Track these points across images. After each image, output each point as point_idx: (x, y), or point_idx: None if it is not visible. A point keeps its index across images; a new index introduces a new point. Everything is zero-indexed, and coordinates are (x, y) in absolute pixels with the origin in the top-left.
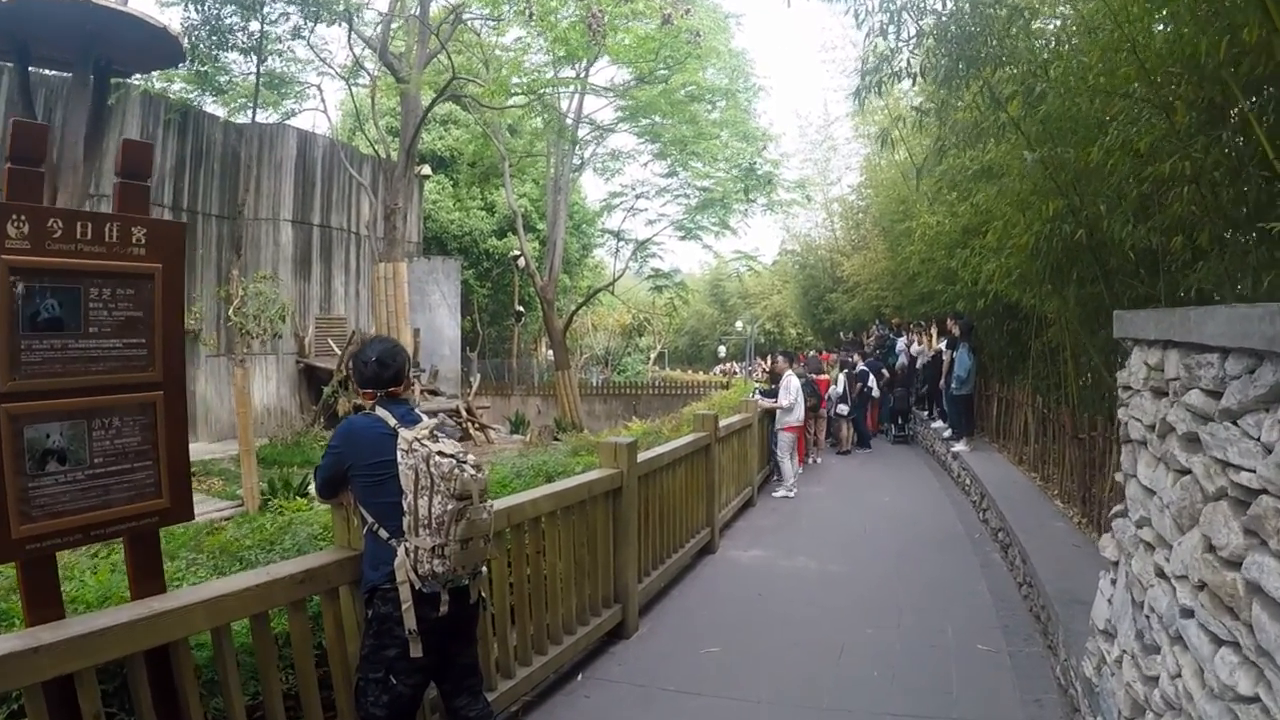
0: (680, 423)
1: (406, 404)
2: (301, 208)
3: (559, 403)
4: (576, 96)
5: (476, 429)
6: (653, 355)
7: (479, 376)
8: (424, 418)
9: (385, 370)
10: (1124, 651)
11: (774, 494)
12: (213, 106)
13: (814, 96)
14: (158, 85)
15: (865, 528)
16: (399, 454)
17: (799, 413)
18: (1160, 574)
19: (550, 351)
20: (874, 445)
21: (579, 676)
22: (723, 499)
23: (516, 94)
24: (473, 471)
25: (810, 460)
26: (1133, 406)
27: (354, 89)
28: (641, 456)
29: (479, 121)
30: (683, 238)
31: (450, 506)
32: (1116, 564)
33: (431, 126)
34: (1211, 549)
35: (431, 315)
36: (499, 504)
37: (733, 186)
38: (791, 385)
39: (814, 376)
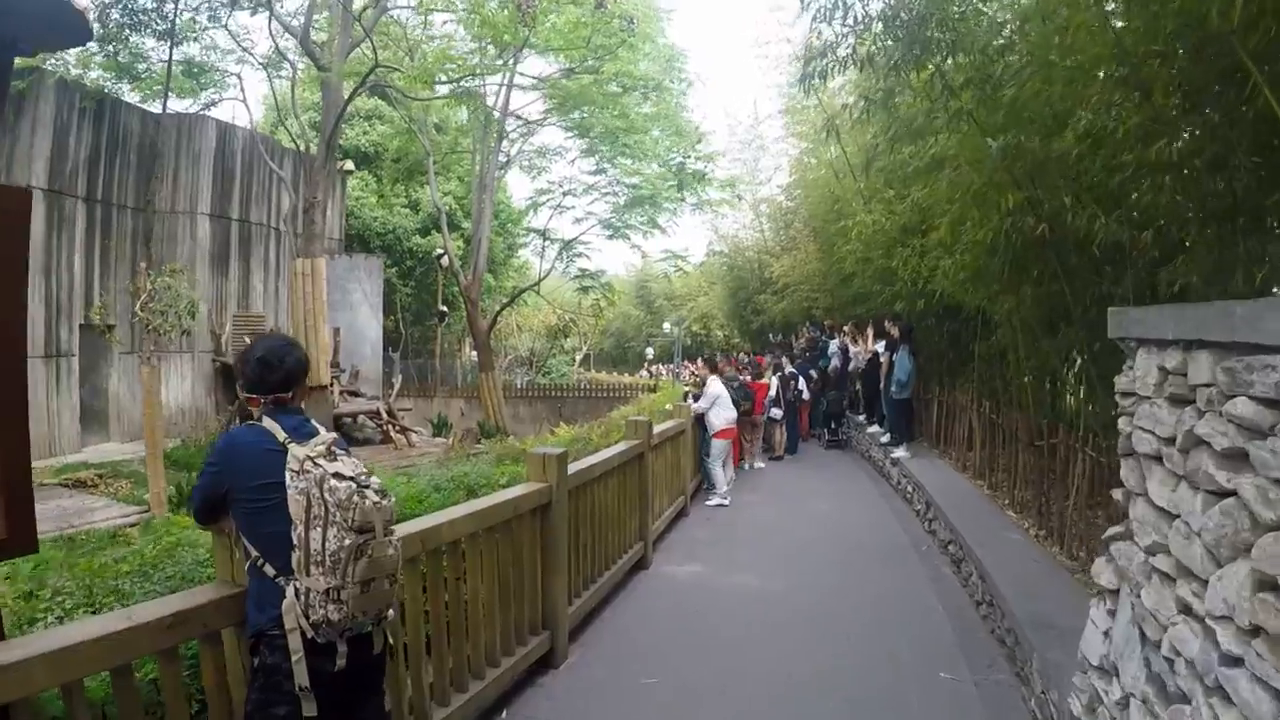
0: (609, 428)
1: (300, 414)
2: (220, 201)
3: (483, 405)
4: (504, 91)
5: (397, 431)
6: (578, 357)
7: (401, 377)
8: (320, 430)
9: (270, 372)
10: (1130, 694)
11: (707, 503)
12: (131, 95)
13: (744, 95)
14: (74, 72)
15: (805, 539)
16: (287, 475)
17: (729, 416)
18: (1186, 610)
19: (474, 352)
20: (807, 450)
21: (504, 714)
22: (656, 510)
23: (442, 83)
24: (376, 498)
25: (746, 466)
26: (1140, 416)
27: (276, 80)
28: (572, 468)
29: (404, 117)
30: (610, 236)
31: (348, 541)
32: (1115, 593)
33: (355, 122)
34: (1274, 588)
35: (353, 314)
36: (412, 525)
37: (663, 184)
38: (710, 390)
39: (746, 380)
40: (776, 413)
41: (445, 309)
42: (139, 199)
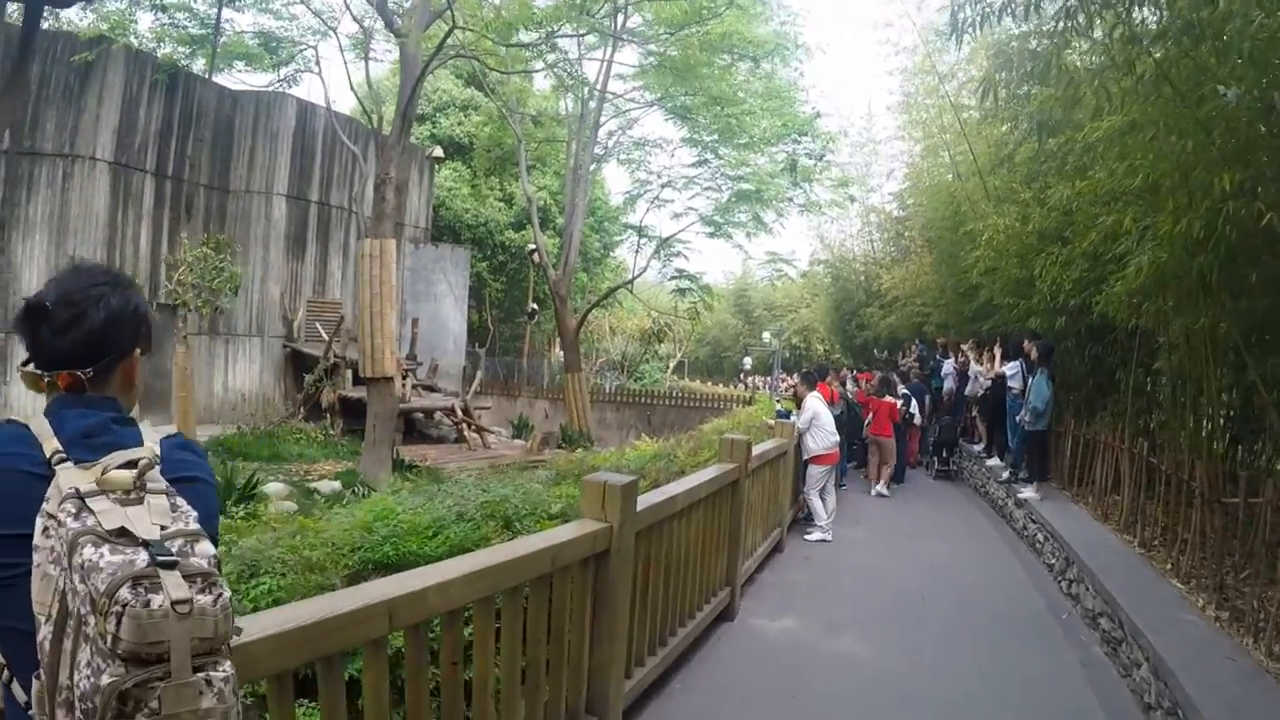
0: (699, 444)
1: (111, 408)
2: (298, 182)
3: (567, 408)
4: (603, 68)
5: (472, 431)
6: (672, 364)
7: (485, 375)
8: (144, 436)
9: (51, 330)
10: None
11: (806, 537)
12: (204, 70)
13: (857, 90)
14: (147, 45)
15: (922, 592)
16: (39, 524)
17: (829, 440)
18: None
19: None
20: (914, 479)
21: None
22: (749, 547)
23: (527, 46)
24: (179, 594)
25: (872, 492)
26: None
27: (355, 62)
28: (645, 500)
29: (500, 106)
30: (711, 234)
31: (106, 679)
32: None
33: (450, 111)
34: None
35: (437, 306)
36: (376, 589)
37: (770, 178)
38: (808, 408)
39: (853, 397)
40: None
41: (536, 307)
42: (214, 177)
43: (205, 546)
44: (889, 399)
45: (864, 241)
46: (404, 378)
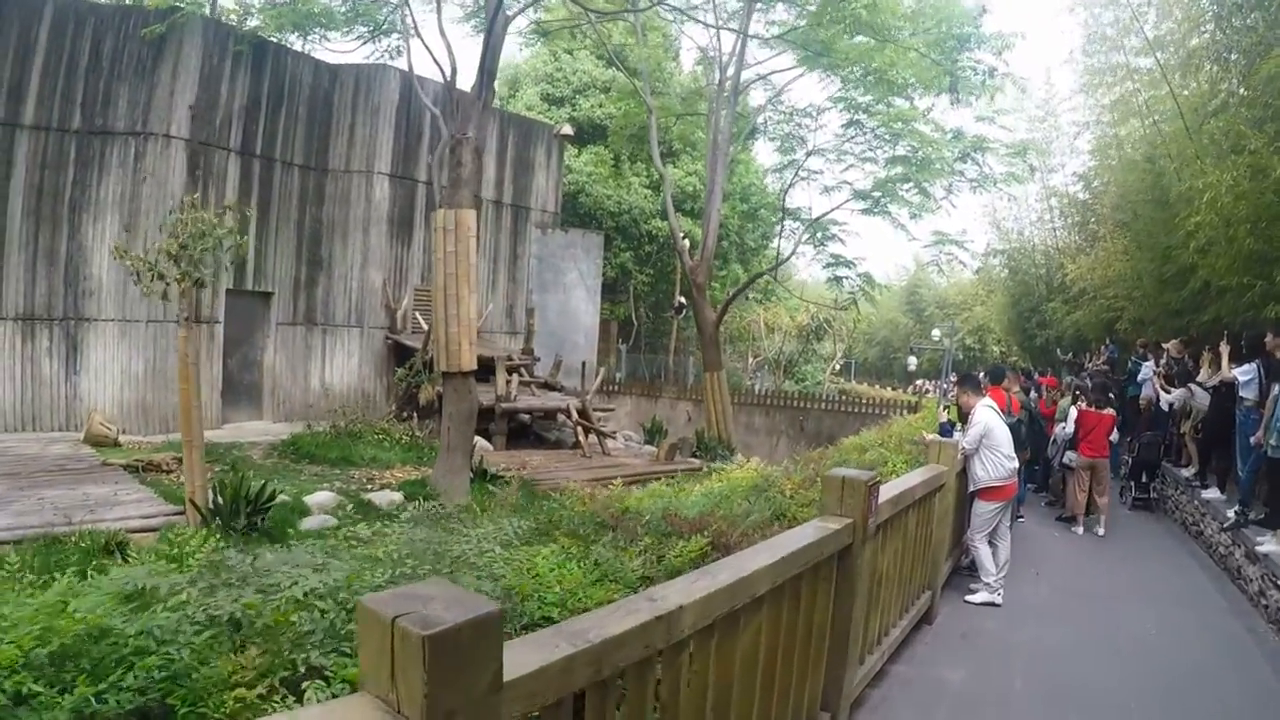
0: (821, 469)
1: None
2: (403, 161)
3: (706, 411)
4: (744, 13)
5: (588, 436)
6: (836, 364)
7: (623, 372)
8: None
9: None
10: None
11: (968, 598)
12: (296, 43)
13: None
14: (228, 16)
15: (1130, 707)
16: None
17: (1004, 467)
18: None
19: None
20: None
21: None
22: (869, 639)
23: None
24: None
25: (1081, 529)
26: None
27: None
28: (577, 634)
29: (632, 79)
30: (866, 211)
31: None
32: None
33: (590, 93)
34: None
35: (566, 296)
36: None
37: (938, 135)
38: (977, 421)
39: (1034, 406)
40: (1073, 457)
41: (683, 300)
42: (309, 156)
43: None
44: (1110, 411)
45: (1044, 229)
46: (512, 373)
